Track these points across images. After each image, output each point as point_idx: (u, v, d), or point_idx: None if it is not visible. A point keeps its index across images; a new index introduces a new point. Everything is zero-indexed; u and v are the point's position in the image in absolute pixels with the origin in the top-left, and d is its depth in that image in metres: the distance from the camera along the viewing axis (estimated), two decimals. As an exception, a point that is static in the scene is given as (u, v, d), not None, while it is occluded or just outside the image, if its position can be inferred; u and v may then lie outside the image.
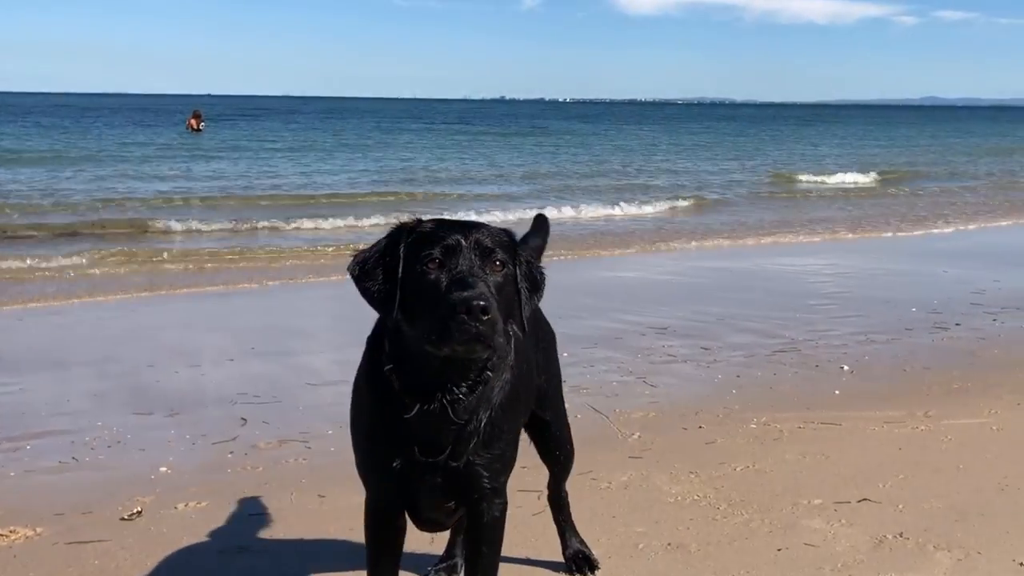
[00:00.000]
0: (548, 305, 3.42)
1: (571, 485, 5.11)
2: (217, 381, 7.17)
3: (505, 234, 2.91)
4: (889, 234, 17.65)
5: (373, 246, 2.92)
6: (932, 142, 58.70)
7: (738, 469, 5.38)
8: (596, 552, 4.24)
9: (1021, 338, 8.62)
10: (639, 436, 5.93)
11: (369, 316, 3.00)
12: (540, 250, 3.80)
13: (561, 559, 4.20)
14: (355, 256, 2.93)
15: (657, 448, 5.71)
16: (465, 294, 2.60)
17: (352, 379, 3.18)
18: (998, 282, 11.42)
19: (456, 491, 3.03)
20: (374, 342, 3.00)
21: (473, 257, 2.74)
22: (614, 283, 11.81)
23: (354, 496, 4.99)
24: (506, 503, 3.19)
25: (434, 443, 2.92)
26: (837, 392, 6.93)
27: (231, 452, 5.71)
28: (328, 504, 4.94)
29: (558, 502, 4.18)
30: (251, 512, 4.83)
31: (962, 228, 18.50)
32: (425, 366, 2.80)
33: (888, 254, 14.57)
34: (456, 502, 3.09)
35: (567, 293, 10.08)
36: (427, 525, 3.27)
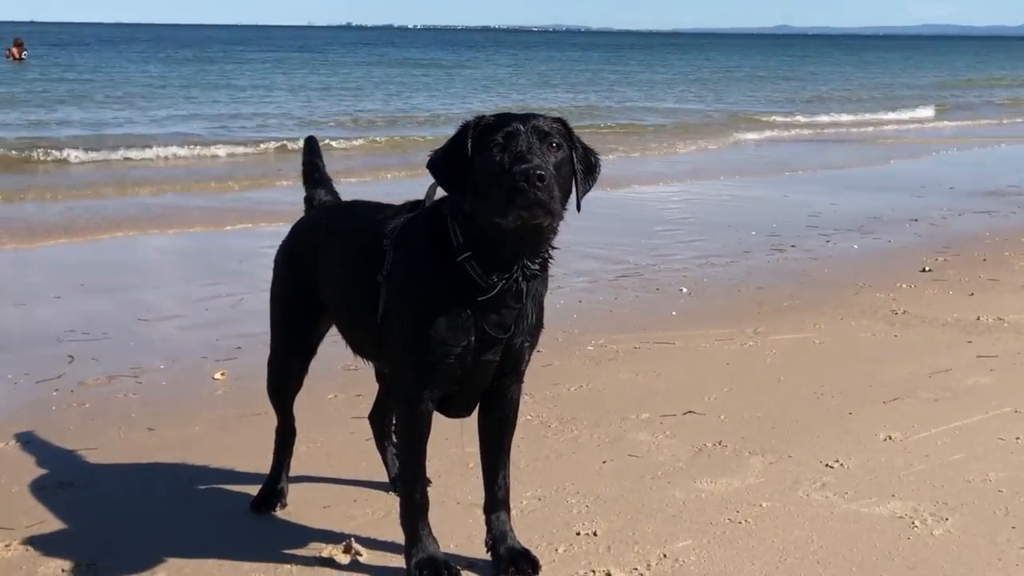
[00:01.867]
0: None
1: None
2: (43, 319, 6.91)
3: (560, 122, 3.24)
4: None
5: (447, 142, 3.26)
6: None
7: (572, 389, 5.48)
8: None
9: (850, 257, 9.01)
10: (475, 360, 5.96)
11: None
12: None
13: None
14: (432, 153, 3.28)
15: (493, 371, 5.76)
16: (524, 166, 2.98)
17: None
18: (834, 205, 11.88)
19: (502, 371, 3.37)
20: (432, 239, 3.25)
21: (532, 139, 3.09)
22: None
23: (186, 428, 4.95)
24: None
25: (499, 323, 3.23)
26: (674, 313, 7.11)
27: (56, 390, 5.52)
28: (157, 437, 4.85)
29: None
30: (75, 448, 4.70)
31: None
32: (500, 242, 3.14)
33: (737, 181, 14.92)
34: (493, 384, 3.41)
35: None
36: (459, 413, 3.53)
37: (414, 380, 3.32)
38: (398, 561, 3.51)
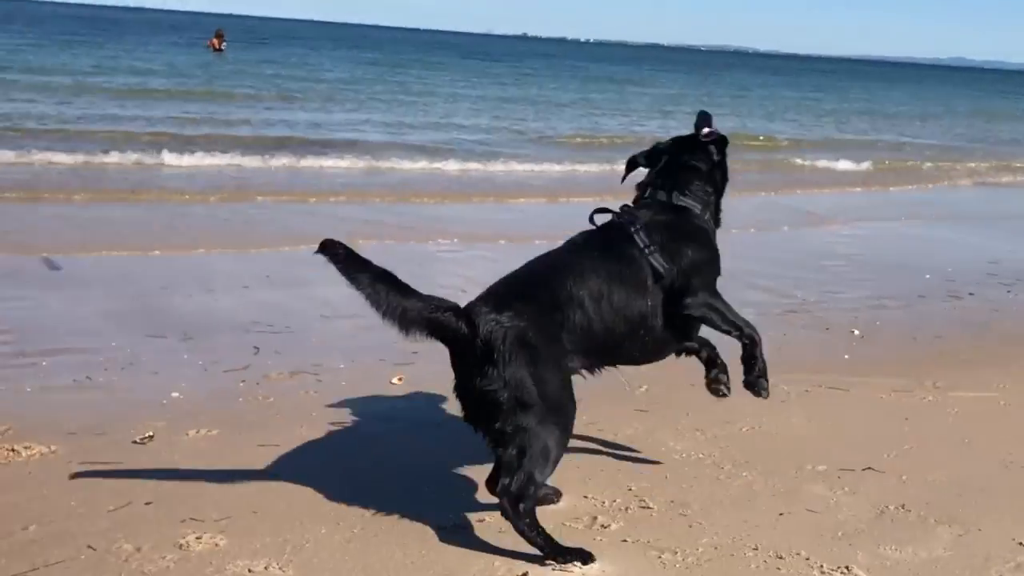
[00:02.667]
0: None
1: (577, 436, 5.19)
2: (230, 308, 7.21)
3: None
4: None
5: None
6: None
7: (743, 429, 5.42)
8: (600, 505, 4.32)
9: (1034, 310, 8.63)
10: (647, 389, 5.96)
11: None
12: None
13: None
14: None
15: (664, 403, 5.75)
16: None
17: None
18: (1014, 252, 11.39)
19: None
20: None
21: None
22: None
23: (365, 429, 5.09)
24: None
25: None
26: (846, 356, 6.94)
27: (243, 381, 5.76)
28: (339, 436, 5.01)
29: None
30: (260, 443, 4.88)
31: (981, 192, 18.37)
32: None
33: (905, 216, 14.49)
34: None
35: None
36: None
37: None
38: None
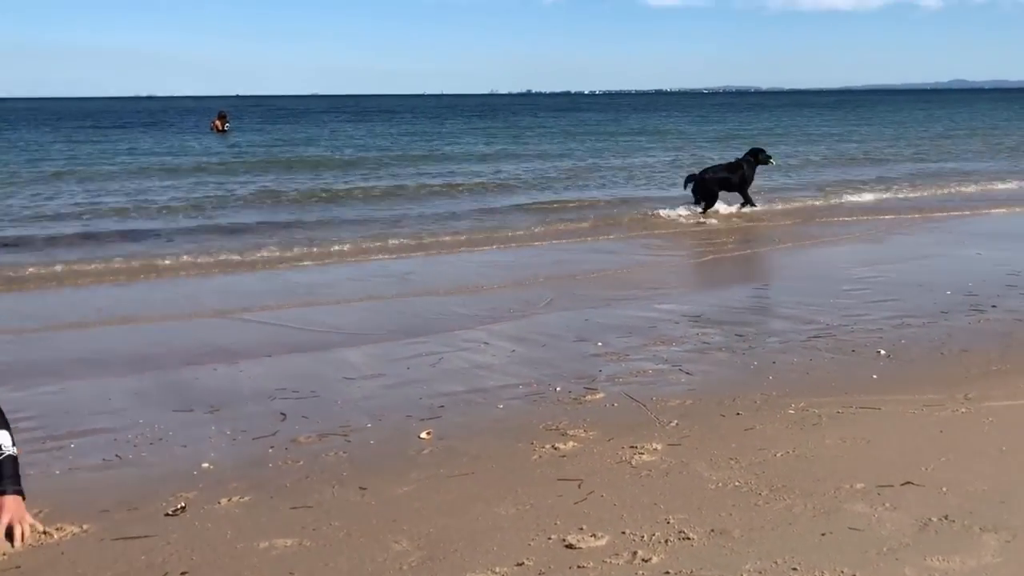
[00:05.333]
0: (574, 298, 3.42)
1: (609, 472, 5.15)
2: (255, 377, 7.22)
3: None
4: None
5: None
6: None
7: (778, 455, 5.36)
8: (640, 540, 4.27)
9: (1059, 319, 8.55)
10: (677, 424, 5.92)
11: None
12: None
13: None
14: None
15: (695, 435, 5.70)
16: None
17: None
18: (1036, 264, 11.32)
19: None
20: None
21: None
22: (644, 272, 11.78)
23: (395, 488, 5.06)
24: None
25: None
26: (875, 376, 6.88)
27: (271, 447, 5.74)
28: (369, 496, 4.97)
29: None
30: (293, 506, 4.86)
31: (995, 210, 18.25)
32: None
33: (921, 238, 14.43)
34: None
35: (603, 285, 10.10)
36: None
37: None
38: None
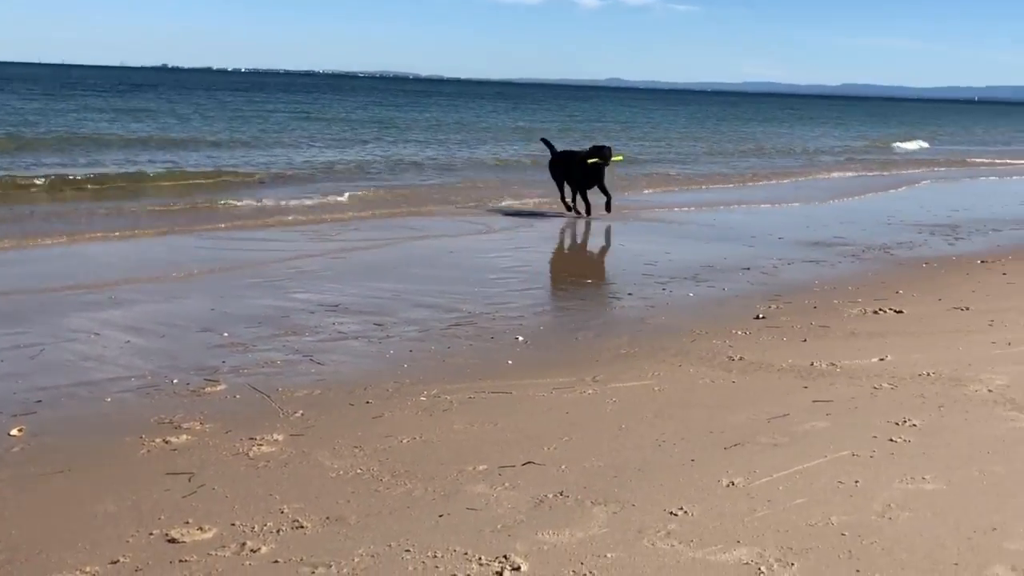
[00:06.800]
0: (208, 285, 3.04)
1: (224, 464, 4.80)
2: None
3: None
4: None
5: None
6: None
7: (404, 441, 5.18)
8: (250, 531, 3.98)
9: (686, 304, 9.01)
10: (302, 414, 5.60)
11: None
12: None
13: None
14: None
15: (321, 425, 5.42)
16: None
17: None
18: (669, 254, 11.96)
19: None
20: None
21: None
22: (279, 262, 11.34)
23: None
24: None
25: None
26: (510, 362, 6.89)
27: None
28: (-65, 505, 4.30)
29: None
30: None
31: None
32: None
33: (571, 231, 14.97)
34: None
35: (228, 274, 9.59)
36: None
37: None
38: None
